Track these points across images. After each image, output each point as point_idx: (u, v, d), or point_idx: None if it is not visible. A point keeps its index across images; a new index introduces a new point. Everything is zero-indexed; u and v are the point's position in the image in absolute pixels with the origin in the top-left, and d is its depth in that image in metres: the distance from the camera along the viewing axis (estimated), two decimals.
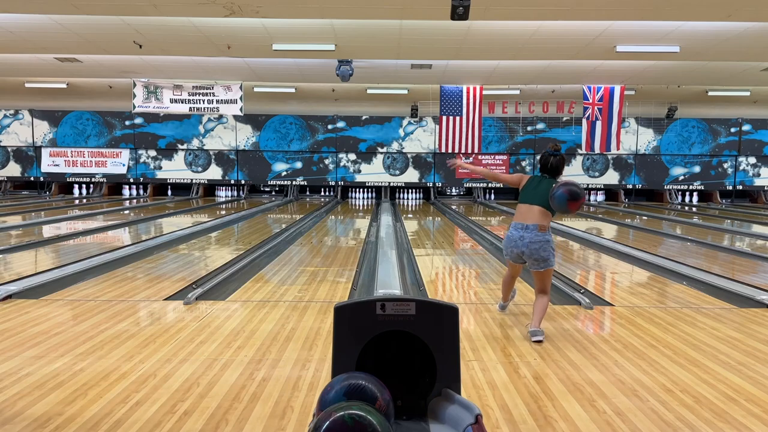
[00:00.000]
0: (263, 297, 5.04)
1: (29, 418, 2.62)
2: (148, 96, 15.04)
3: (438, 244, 8.72)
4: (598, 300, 5.10)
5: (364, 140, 17.62)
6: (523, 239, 3.97)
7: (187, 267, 6.42)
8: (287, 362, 3.40)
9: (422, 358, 2.07)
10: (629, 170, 17.71)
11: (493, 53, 11.65)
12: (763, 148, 17.55)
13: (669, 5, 8.28)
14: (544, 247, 3.93)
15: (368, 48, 11.22)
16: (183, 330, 3.99)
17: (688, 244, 8.87)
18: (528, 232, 3.97)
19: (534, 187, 4.08)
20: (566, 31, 9.88)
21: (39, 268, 6.04)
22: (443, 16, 8.14)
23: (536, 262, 3.97)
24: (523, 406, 2.82)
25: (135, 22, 9.66)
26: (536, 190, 4.04)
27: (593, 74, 13.62)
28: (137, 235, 9.39)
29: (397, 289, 5.21)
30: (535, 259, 3.96)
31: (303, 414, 2.71)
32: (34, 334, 3.83)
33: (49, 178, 17.77)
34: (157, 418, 2.65)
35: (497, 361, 3.46)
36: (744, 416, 2.74)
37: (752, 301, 5.06)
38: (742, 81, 14.28)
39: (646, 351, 3.68)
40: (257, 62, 12.81)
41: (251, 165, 17.72)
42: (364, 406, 1.66)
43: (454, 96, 14.94)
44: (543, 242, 3.93)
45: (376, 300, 2.05)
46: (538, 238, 3.93)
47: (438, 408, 2.00)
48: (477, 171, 4.53)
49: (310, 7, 8.51)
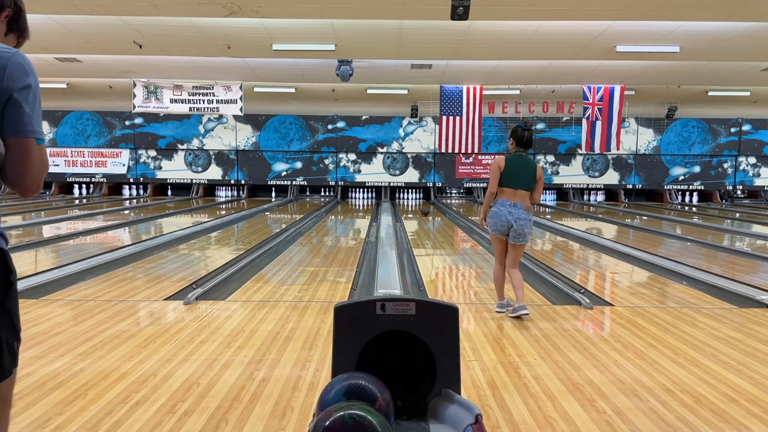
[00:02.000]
0: (263, 297, 5.04)
1: (29, 418, 2.62)
2: (148, 96, 15.03)
3: (438, 244, 8.72)
4: (598, 300, 5.10)
5: (364, 140, 17.62)
6: (512, 215, 4.50)
7: (187, 267, 6.42)
8: (287, 362, 3.40)
9: (422, 358, 2.07)
10: (629, 170, 17.71)
11: (493, 53, 11.65)
12: (763, 148, 17.55)
13: (669, 5, 8.28)
14: (527, 224, 4.53)
15: (368, 48, 11.22)
16: (183, 330, 3.99)
17: (688, 244, 8.87)
18: (516, 209, 4.51)
19: (517, 172, 4.53)
20: (566, 31, 9.88)
21: (39, 268, 6.04)
22: (443, 16, 8.14)
23: (519, 236, 4.51)
24: (523, 406, 2.82)
25: (135, 22, 9.66)
26: (519, 176, 4.53)
27: (593, 74, 13.62)
28: (137, 235, 9.39)
29: (397, 289, 5.21)
30: (519, 233, 4.50)
31: (303, 414, 2.71)
32: (34, 334, 3.83)
33: (48, 178, 17.76)
34: (157, 418, 2.65)
35: (497, 361, 3.46)
36: (744, 416, 2.74)
37: (752, 301, 5.06)
38: (742, 81, 14.27)
39: (646, 351, 3.68)
40: (257, 62, 12.81)
41: (251, 165, 17.72)
42: (364, 406, 1.66)
43: (454, 96, 14.94)
44: (527, 219, 4.53)
45: (376, 300, 2.05)
46: (524, 215, 4.51)
47: (438, 408, 2.00)
48: (484, 210, 4.74)
49: (310, 7, 8.51)
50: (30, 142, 1.49)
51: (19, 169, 1.50)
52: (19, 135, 1.48)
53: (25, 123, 1.48)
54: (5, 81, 1.46)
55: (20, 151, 1.48)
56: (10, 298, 1.58)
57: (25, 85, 1.48)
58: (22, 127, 1.48)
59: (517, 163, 4.54)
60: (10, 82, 1.46)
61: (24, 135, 1.48)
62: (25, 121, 1.48)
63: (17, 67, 1.48)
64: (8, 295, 1.57)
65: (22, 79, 1.48)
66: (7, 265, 1.56)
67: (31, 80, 1.50)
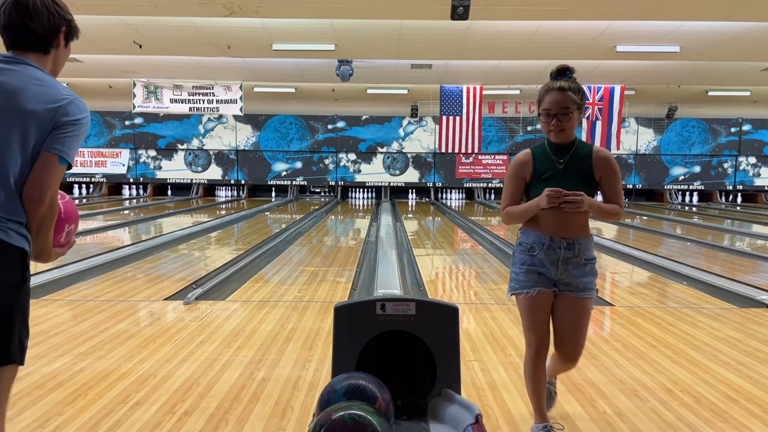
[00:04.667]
0: (263, 297, 5.04)
1: (29, 418, 2.62)
2: (148, 96, 15.03)
3: (438, 244, 8.72)
4: (598, 300, 5.10)
5: (364, 140, 17.61)
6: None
7: (187, 267, 6.42)
8: (287, 362, 3.40)
9: (422, 358, 2.07)
10: (629, 170, 17.70)
11: (493, 53, 11.64)
12: (763, 148, 17.54)
13: (669, 5, 8.27)
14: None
15: (368, 48, 11.21)
16: (183, 330, 3.99)
17: (688, 244, 8.87)
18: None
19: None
20: (566, 31, 9.88)
21: (39, 268, 6.04)
22: (443, 16, 8.14)
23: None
24: (524, 406, 2.82)
25: (135, 22, 9.65)
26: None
27: (593, 74, 13.61)
28: (137, 235, 9.39)
29: (397, 289, 5.20)
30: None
31: (303, 414, 2.71)
32: (34, 334, 3.81)
33: None
34: (157, 418, 2.65)
35: (497, 361, 3.46)
36: (744, 416, 2.74)
37: (752, 301, 5.06)
38: (742, 81, 14.27)
39: (646, 351, 3.68)
40: (257, 62, 12.81)
41: (251, 165, 17.71)
42: (364, 406, 1.66)
43: (454, 96, 14.93)
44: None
45: (376, 300, 2.05)
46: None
47: (438, 408, 2.00)
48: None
49: (310, 7, 8.51)
50: (54, 157, 1.72)
51: (33, 176, 1.71)
52: (49, 150, 1.72)
53: (59, 143, 1.72)
54: (59, 115, 1.72)
55: (42, 162, 1.71)
56: (23, 293, 1.77)
57: (74, 119, 1.75)
58: (54, 145, 1.72)
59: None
60: (63, 116, 1.72)
61: (53, 151, 1.72)
62: (60, 142, 1.72)
63: (73, 107, 1.75)
64: (22, 290, 1.76)
65: (74, 115, 1.75)
66: (26, 263, 1.76)
67: (81, 119, 1.77)
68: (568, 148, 2.44)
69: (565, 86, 2.37)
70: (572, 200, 2.28)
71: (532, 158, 2.47)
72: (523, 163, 2.48)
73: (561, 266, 2.37)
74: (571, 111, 2.36)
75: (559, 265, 2.37)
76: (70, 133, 1.73)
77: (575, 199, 2.28)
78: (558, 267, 2.37)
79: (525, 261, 2.42)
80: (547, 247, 2.37)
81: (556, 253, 2.37)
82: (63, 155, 1.72)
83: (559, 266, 2.37)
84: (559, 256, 2.37)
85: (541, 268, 2.38)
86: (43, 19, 1.78)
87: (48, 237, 1.80)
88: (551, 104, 2.37)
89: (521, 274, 2.42)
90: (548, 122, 2.40)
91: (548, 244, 2.37)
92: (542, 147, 2.50)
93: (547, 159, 2.45)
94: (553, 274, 2.38)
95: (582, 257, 2.39)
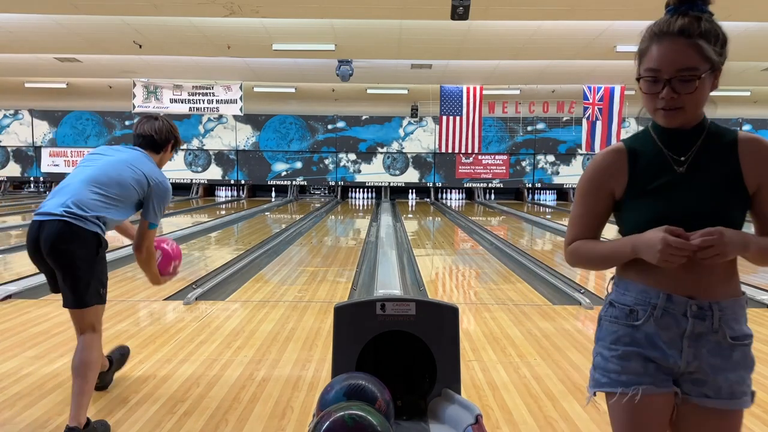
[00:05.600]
0: (263, 297, 5.04)
1: (29, 418, 2.62)
2: (148, 96, 15.02)
3: (438, 244, 8.72)
4: (598, 300, 5.09)
5: (364, 140, 17.61)
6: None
7: (187, 267, 6.41)
8: (287, 362, 3.40)
9: (422, 358, 2.07)
10: None
11: (493, 53, 11.65)
12: None
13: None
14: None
15: (368, 48, 11.21)
16: (183, 330, 3.99)
17: None
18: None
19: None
20: (566, 31, 9.88)
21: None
22: (443, 16, 8.14)
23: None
24: (524, 406, 2.82)
25: (135, 22, 9.65)
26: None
27: (593, 74, 13.62)
28: None
29: (397, 289, 5.20)
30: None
31: (303, 414, 2.71)
32: (34, 334, 3.83)
33: (49, 178, 17.76)
34: (157, 418, 2.65)
35: (497, 361, 3.46)
36: (744, 416, 2.73)
37: (752, 301, 5.06)
38: (742, 81, 14.26)
39: None
40: (257, 62, 12.81)
41: (251, 165, 17.71)
42: (364, 406, 1.66)
43: (454, 96, 14.93)
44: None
45: (376, 300, 2.05)
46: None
47: (438, 408, 2.00)
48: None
49: (310, 7, 8.51)
50: (146, 223, 2.70)
51: (137, 235, 2.74)
52: (144, 218, 2.71)
53: (150, 212, 2.71)
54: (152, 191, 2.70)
55: (141, 226, 2.71)
56: (98, 262, 2.56)
57: (161, 196, 2.74)
58: (147, 214, 2.71)
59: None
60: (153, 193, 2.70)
61: (146, 219, 2.70)
62: (151, 211, 2.71)
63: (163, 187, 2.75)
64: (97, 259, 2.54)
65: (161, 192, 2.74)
66: (99, 242, 2.54)
67: (165, 195, 2.75)
68: (694, 137, 1.42)
69: (690, 29, 1.33)
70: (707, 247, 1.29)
71: (628, 158, 1.45)
72: (612, 168, 1.46)
73: (688, 348, 1.39)
74: (699, 73, 1.34)
75: (685, 347, 1.39)
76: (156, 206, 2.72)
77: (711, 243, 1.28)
78: (683, 349, 1.39)
79: (620, 336, 1.43)
80: (662, 313, 1.39)
81: (679, 325, 1.38)
82: (151, 221, 2.71)
83: (685, 348, 1.39)
84: (683, 329, 1.38)
85: (651, 351, 1.40)
86: (162, 135, 2.87)
87: (153, 271, 2.84)
88: (662, 60, 1.36)
89: (613, 358, 1.43)
90: (656, 93, 1.38)
91: (664, 307, 1.39)
92: (645, 137, 1.48)
93: (655, 158, 1.43)
94: (672, 361, 1.40)
95: (727, 333, 1.41)
